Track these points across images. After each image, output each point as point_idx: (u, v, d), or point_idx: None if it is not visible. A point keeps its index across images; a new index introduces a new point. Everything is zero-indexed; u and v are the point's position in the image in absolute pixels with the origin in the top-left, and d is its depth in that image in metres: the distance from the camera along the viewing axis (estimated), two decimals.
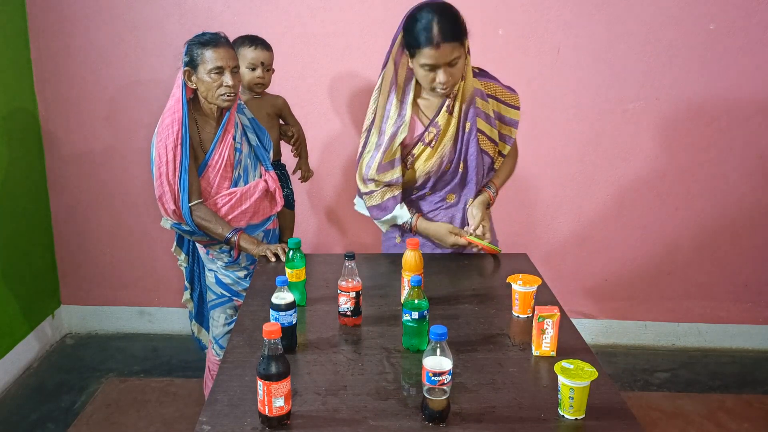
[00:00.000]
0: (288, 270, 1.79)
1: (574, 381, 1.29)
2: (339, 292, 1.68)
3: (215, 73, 2.10)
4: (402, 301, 1.70)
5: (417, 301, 1.54)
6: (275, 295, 1.54)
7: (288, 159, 2.80)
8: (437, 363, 1.27)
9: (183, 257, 2.49)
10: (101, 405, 2.78)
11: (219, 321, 2.39)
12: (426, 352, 1.29)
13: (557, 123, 3.05)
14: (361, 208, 2.25)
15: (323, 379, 1.46)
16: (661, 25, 2.91)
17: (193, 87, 2.15)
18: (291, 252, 1.79)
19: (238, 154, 2.25)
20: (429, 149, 2.07)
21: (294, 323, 1.56)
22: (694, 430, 2.66)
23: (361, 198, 2.20)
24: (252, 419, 1.32)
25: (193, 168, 2.18)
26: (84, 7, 2.98)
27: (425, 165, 2.08)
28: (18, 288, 3.01)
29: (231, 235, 2.19)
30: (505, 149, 2.20)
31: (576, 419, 1.31)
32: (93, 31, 3.01)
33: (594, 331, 3.33)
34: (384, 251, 2.31)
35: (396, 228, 2.23)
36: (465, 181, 2.15)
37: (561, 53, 2.96)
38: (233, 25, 2.87)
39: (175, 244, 2.48)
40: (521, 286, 1.72)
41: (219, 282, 2.36)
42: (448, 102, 2.03)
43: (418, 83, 2.03)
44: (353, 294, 1.67)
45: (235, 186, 2.25)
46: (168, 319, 3.39)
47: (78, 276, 3.36)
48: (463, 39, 1.91)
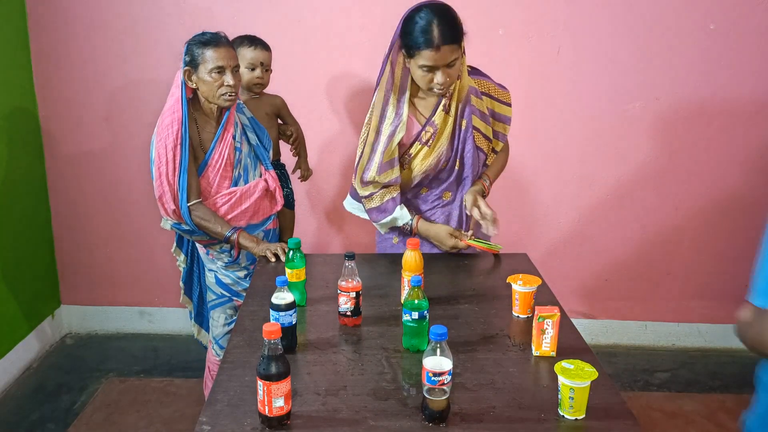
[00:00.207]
0: (288, 270, 1.79)
1: (574, 381, 1.29)
2: (339, 292, 1.68)
3: (216, 73, 2.10)
4: (402, 301, 1.69)
5: (417, 301, 1.54)
6: (275, 295, 1.54)
7: (287, 159, 2.80)
8: (437, 363, 1.27)
9: (182, 258, 2.49)
10: (101, 405, 2.78)
11: (219, 321, 2.39)
12: (426, 352, 1.29)
13: (557, 123, 3.05)
14: (351, 206, 2.25)
15: (323, 380, 1.46)
16: (661, 25, 2.91)
17: (194, 87, 2.15)
18: (291, 252, 1.79)
19: (237, 153, 2.25)
20: (426, 148, 2.06)
21: (294, 323, 1.56)
22: (694, 430, 2.66)
23: (359, 201, 2.19)
24: (252, 419, 1.31)
25: (193, 168, 2.18)
26: (84, 7, 2.98)
27: (422, 164, 2.08)
28: (18, 288, 3.01)
29: (230, 234, 2.19)
30: (498, 146, 2.20)
31: (576, 419, 1.31)
32: (93, 31, 3.01)
33: (594, 331, 3.33)
34: (378, 252, 2.30)
35: (394, 230, 2.22)
36: (461, 179, 2.15)
37: (561, 53, 2.96)
38: (233, 25, 2.86)
39: (175, 244, 2.48)
40: (521, 286, 1.72)
41: (219, 282, 2.36)
42: (444, 101, 2.03)
43: (413, 82, 2.02)
44: (353, 294, 1.67)
45: (235, 185, 2.25)
46: (168, 319, 3.39)
47: (78, 276, 3.36)
48: (461, 40, 1.91)
